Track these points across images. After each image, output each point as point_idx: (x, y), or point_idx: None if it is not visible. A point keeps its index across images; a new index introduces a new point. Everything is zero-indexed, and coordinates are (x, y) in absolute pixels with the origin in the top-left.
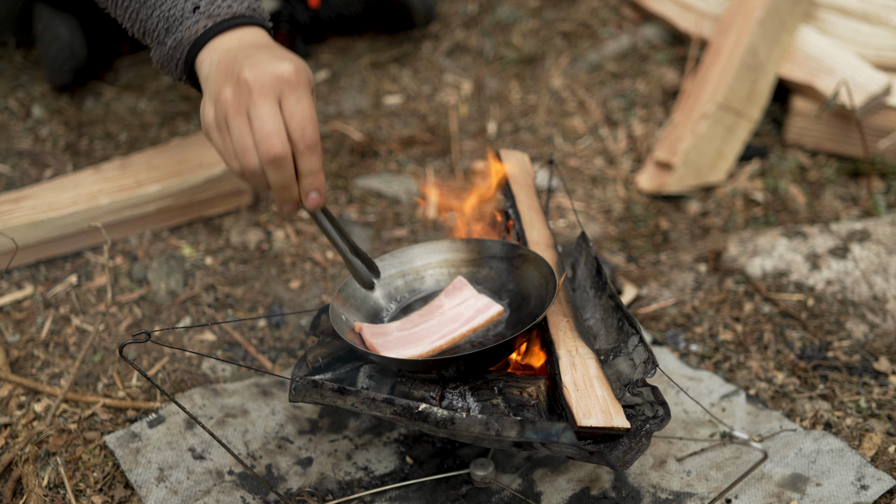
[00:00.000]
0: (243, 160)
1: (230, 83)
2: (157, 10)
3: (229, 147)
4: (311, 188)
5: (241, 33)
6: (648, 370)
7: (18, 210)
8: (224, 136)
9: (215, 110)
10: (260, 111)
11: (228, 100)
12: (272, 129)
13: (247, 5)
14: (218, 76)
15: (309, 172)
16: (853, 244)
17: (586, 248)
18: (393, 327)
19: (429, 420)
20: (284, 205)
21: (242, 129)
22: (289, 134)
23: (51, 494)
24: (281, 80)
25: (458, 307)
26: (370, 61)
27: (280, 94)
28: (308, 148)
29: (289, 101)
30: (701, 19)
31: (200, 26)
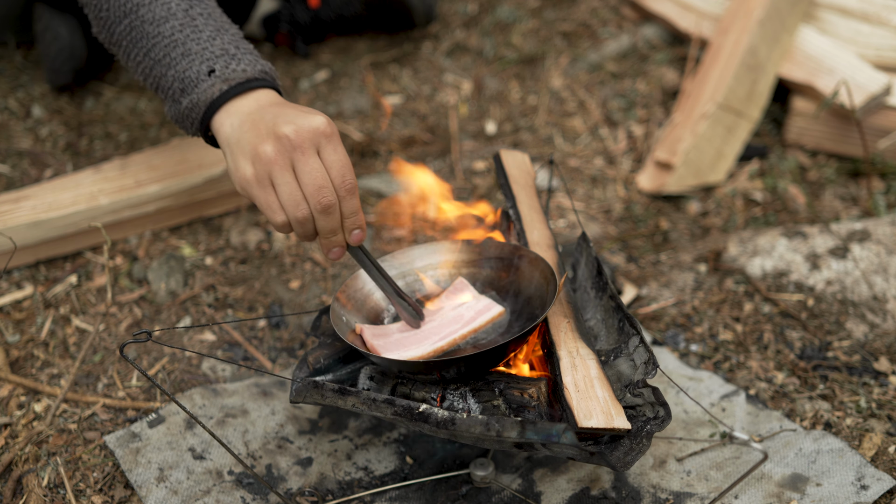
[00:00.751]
0: (295, 212)
1: (269, 140)
2: (171, 70)
3: (274, 201)
4: (353, 227)
5: (256, 95)
6: (649, 371)
7: (18, 210)
8: (268, 191)
9: (255, 168)
10: (308, 165)
11: (271, 156)
12: (322, 181)
13: (259, 68)
14: (248, 135)
15: (351, 213)
16: (853, 244)
17: (587, 248)
18: (394, 329)
19: (430, 420)
20: (332, 249)
21: (291, 183)
22: (333, 183)
23: (51, 494)
24: (318, 132)
25: (459, 308)
26: (370, 61)
27: (318, 146)
28: (349, 192)
29: (326, 151)
30: (701, 19)
31: (216, 90)
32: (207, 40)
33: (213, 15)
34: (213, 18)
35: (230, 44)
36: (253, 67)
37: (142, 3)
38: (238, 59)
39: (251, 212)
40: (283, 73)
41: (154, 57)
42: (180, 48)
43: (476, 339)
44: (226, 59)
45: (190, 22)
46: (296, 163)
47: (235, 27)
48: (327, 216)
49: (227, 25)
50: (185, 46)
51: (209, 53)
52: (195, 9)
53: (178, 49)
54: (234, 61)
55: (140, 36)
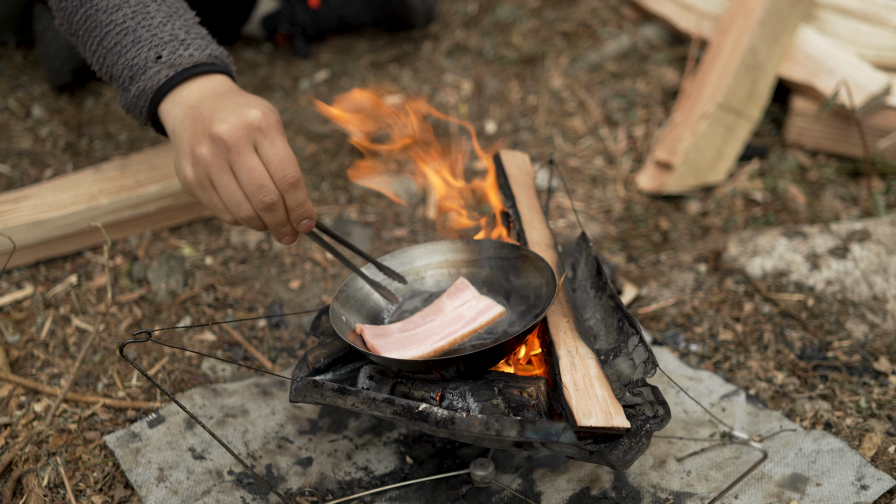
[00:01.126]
0: (238, 212)
1: (204, 141)
2: (121, 58)
3: (217, 202)
4: (301, 218)
5: (202, 82)
6: (648, 370)
7: (18, 210)
8: (209, 193)
9: (194, 170)
10: (245, 165)
11: (208, 159)
12: (260, 179)
13: (208, 53)
14: (186, 133)
15: (297, 206)
16: (853, 244)
17: (586, 248)
18: (394, 328)
19: (429, 420)
20: (283, 238)
21: (230, 185)
22: (271, 177)
23: (51, 494)
24: (251, 127)
25: (459, 308)
26: (370, 61)
27: (254, 142)
28: (292, 186)
29: (263, 146)
30: (701, 19)
31: (162, 76)
32: (158, 26)
33: (167, 1)
34: (166, 4)
35: (181, 29)
36: (201, 52)
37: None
38: (187, 44)
39: None
40: (283, 74)
41: (106, 45)
42: (131, 35)
43: (477, 338)
44: (174, 44)
45: (143, 9)
46: (232, 163)
47: (191, 13)
48: (271, 213)
49: (180, 10)
50: (135, 34)
51: (158, 39)
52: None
53: (128, 36)
54: (183, 46)
55: (94, 24)
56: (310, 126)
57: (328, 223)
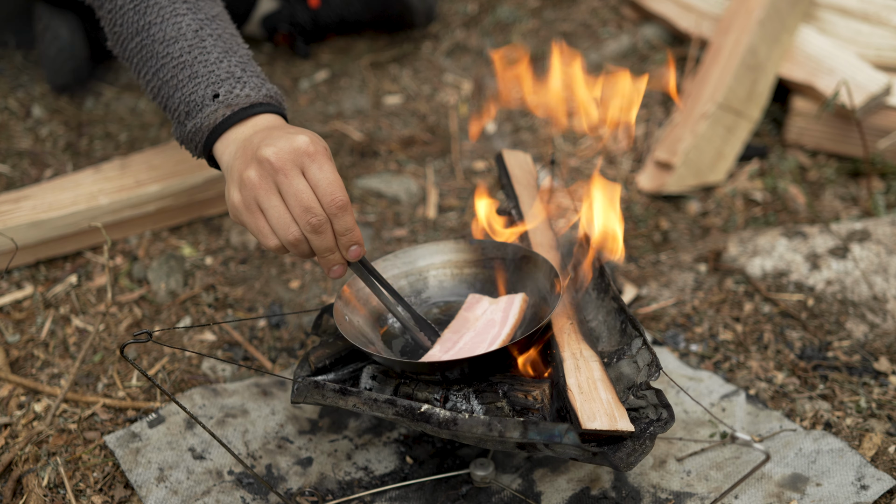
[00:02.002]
0: (285, 235)
1: (252, 165)
2: (178, 92)
3: (264, 226)
4: (349, 244)
5: (255, 121)
6: (652, 373)
7: (18, 210)
8: (257, 216)
9: (242, 194)
10: (292, 187)
11: (255, 181)
12: (308, 201)
13: (264, 93)
14: (238, 163)
15: (345, 230)
16: (853, 244)
17: (588, 248)
18: (436, 351)
19: (431, 421)
20: (332, 268)
21: (279, 207)
22: (319, 201)
23: (51, 494)
24: (299, 152)
25: (485, 315)
26: (370, 61)
27: (302, 166)
28: (340, 210)
29: (311, 170)
30: (701, 19)
31: (219, 115)
32: (215, 62)
33: (223, 36)
34: (222, 39)
35: (237, 66)
36: (257, 92)
37: (153, 22)
38: (244, 82)
39: None
40: (283, 74)
41: (162, 77)
42: (187, 70)
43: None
44: (231, 82)
45: (199, 43)
46: (280, 185)
47: (245, 48)
48: (319, 236)
49: (236, 47)
50: (192, 69)
51: (215, 77)
52: (205, 29)
53: (185, 71)
54: (239, 85)
55: (150, 55)
56: (310, 126)
57: None
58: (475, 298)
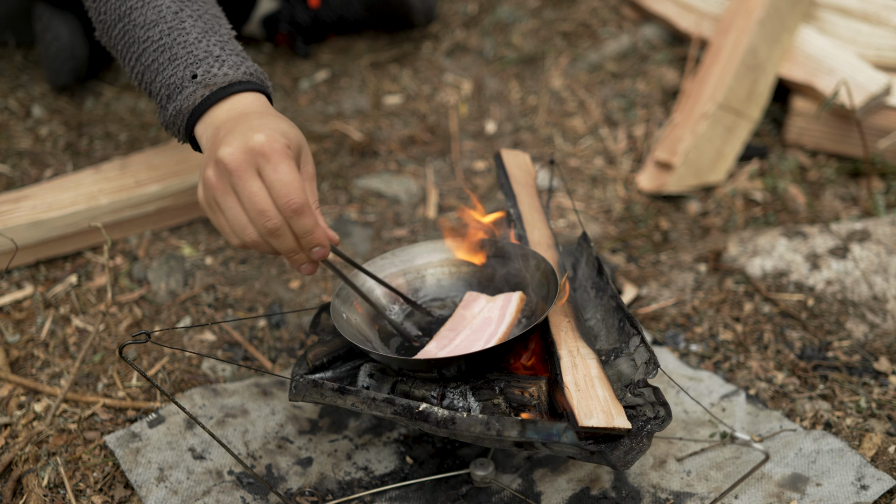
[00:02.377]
0: (244, 237)
1: (210, 164)
2: (159, 76)
3: (224, 225)
4: (310, 246)
5: (233, 102)
6: (650, 371)
7: (18, 210)
8: (218, 215)
9: (203, 192)
10: (245, 189)
11: (213, 181)
12: (262, 204)
13: (243, 70)
14: (205, 156)
15: (304, 233)
16: (853, 244)
17: (587, 248)
18: (433, 347)
19: (429, 420)
20: (300, 267)
21: (235, 208)
22: (276, 204)
23: (51, 494)
24: (253, 152)
25: (482, 313)
26: (370, 61)
27: (257, 166)
28: (295, 212)
29: (265, 171)
30: (701, 19)
31: (198, 96)
32: (193, 43)
33: (203, 16)
34: (202, 20)
35: (216, 45)
36: (235, 70)
37: (134, 7)
38: (222, 61)
39: None
40: (283, 74)
41: (144, 62)
42: (167, 52)
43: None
44: (209, 61)
45: (178, 25)
46: (234, 187)
47: (227, 26)
48: (277, 239)
49: (216, 26)
50: (171, 51)
51: (193, 57)
52: (185, 10)
53: (165, 54)
54: (217, 64)
55: (132, 40)
56: (310, 126)
57: (328, 223)
58: (472, 296)
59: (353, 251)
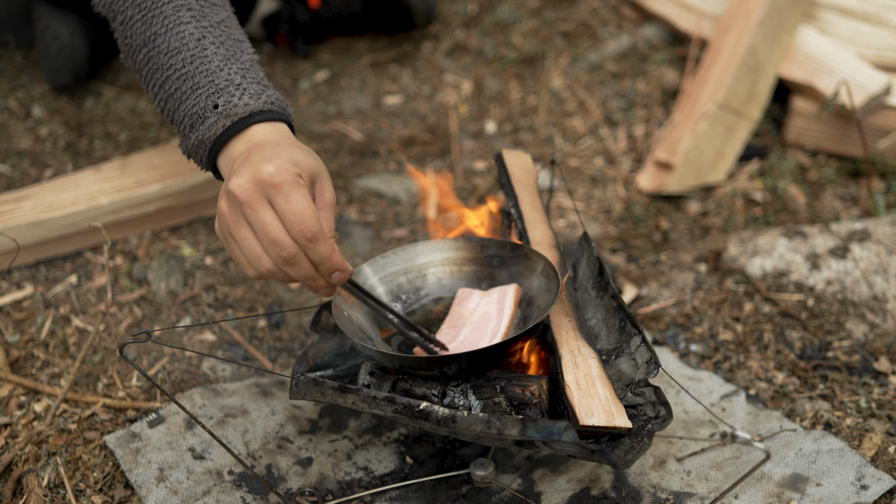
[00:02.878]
0: (259, 267)
1: (223, 196)
2: (182, 105)
3: (240, 256)
4: (329, 272)
5: (252, 133)
6: (651, 370)
7: (18, 210)
8: (232, 246)
9: (218, 223)
10: (258, 220)
11: (226, 213)
12: (275, 234)
13: (264, 99)
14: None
15: (322, 260)
16: (853, 244)
17: (588, 248)
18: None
19: (430, 418)
20: (318, 291)
21: (249, 239)
22: (290, 233)
23: (51, 494)
24: (263, 183)
25: (478, 308)
26: (370, 61)
27: (268, 197)
28: (310, 241)
29: (277, 202)
30: (701, 19)
31: (219, 126)
32: (215, 71)
33: (225, 42)
34: (224, 46)
35: (237, 73)
36: (256, 100)
37: (158, 33)
38: (243, 89)
39: None
40: (283, 74)
41: (168, 90)
42: (189, 81)
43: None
44: (230, 90)
45: (200, 52)
46: (248, 218)
47: (249, 51)
48: (293, 267)
49: (238, 52)
50: (193, 80)
51: (214, 87)
52: (207, 38)
53: (187, 83)
54: (238, 93)
55: (156, 67)
56: (310, 126)
57: None
58: (465, 292)
59: (353, 251)
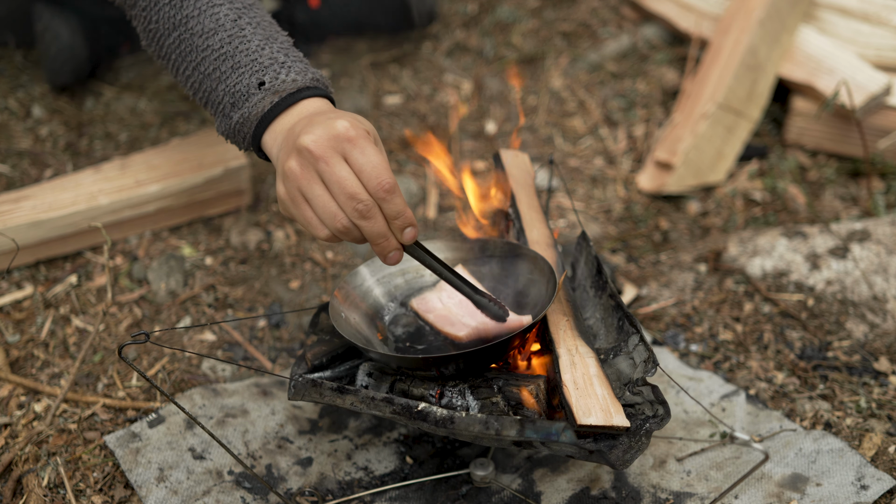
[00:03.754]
0: (333, 224)
1: (293, 155)
2: (221, 84)
3: (311, 217)
4: (403, 226)
5: (302, 107)
6: (649, 369)
7: (18, 210)
8: (303, 207)
9: (286, 186)
10: (334, 174)
11: (297, 172)
12: (352, 188)
13: (310, 77)
14: (281, 154)
15: (397, 214)
16: (853, 244)
17: (587, 247)
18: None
19: (428, 419)
20: (388, 254)
21: (323, 196)
22: (365, 186)
23: (51, 494)
24: (339, 138)
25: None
26: (370, 61)
27: (343, 152)
28: (387, 193)
29: (353, 155)
30: (701, 19)
31: (267, 103)
32: (256, 50)
33: (261, 24)
34: (261, 27)
35: (280, 52)
36: (303, 76)
37: (191, 16)
38: (288, 67)
39: (251, 212)
40: None
41: (203, 71)
42: (230, 61)
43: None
44: (275, 68)
45: (238, 32)
46: (322, 174)
47: (284, 34)
48: (368, 222)
49: (275, 33)
50: (234, 59)
51: (258, 65)
52: (243, 18)
53: (227, 62)
54: (284, 70)
55: (189, 49)
56: None
57: None
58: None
59: (353, 251)
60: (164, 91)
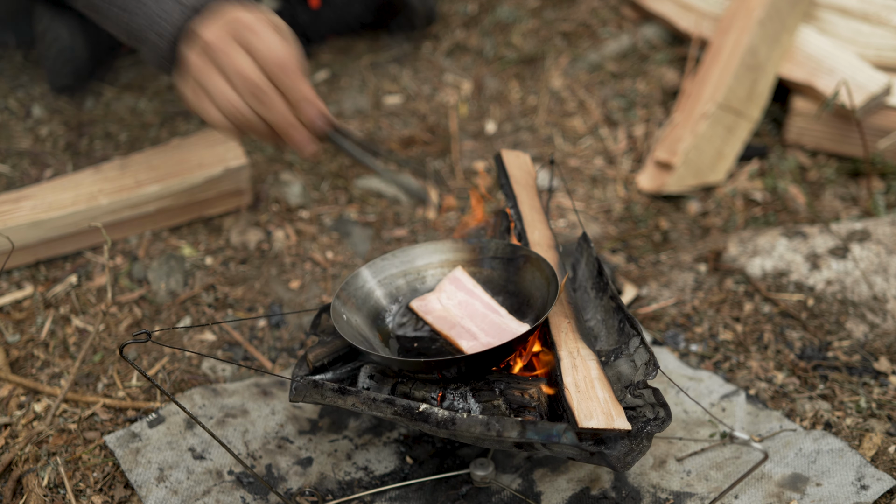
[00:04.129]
0: (231, 109)
1: (193, 49)
2: (140, 11)
3: (211, 107)
4: (311, 113)
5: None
6: (650, 372)
7: (18, 210)
8: (203, 99)
9: (188, 83)
10: (229, 59)
11: (196, 63)
12: (246, 70)
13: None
14: (186, 52)
15: (300, 97)
16: (853, 244)
17: (587, 248)
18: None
19: (430, 421)
20: (301, 144)
21: (218, 83)
22: (262, 69)
23: (51, 494)
24: (237, 22)
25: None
26: (370, 61)
27: (241, 39)
28: (282, 70)
29: (251, 41)
30: (701, 19)
31: (177, 12)
32: None
33: None
34: None
35: None
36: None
37: None
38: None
39: (251, 212)
40: None
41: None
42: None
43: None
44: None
45: None
46: (219, 64)
47: None
48: (264, 103)
49: None
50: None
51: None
52: None
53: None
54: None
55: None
56: None
57: (328, 223)
58: (419, 302)
59: (353, 251)
60: (164, 91)
